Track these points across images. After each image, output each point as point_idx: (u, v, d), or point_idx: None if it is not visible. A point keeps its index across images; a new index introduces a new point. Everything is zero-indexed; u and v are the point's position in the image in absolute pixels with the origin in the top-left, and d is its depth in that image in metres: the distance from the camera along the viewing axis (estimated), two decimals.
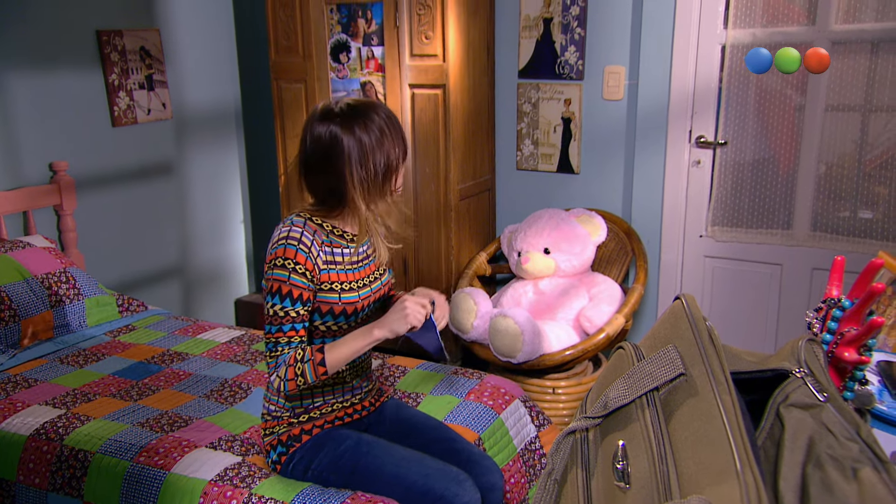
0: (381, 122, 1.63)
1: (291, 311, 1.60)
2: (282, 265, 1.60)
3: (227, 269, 3.82)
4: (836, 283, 1.03)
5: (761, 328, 3.07)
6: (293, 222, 1.66)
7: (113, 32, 3.09)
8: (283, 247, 1.62)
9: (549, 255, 3.01)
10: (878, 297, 0.94)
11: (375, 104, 1.67)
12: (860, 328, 0.95)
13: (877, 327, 0.91)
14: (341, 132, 1.60)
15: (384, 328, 1.65)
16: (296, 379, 1.60)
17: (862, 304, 0.95)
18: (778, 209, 2.93)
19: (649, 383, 0.94)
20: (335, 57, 3.25)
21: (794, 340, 0.94)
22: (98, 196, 3.13)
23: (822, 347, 0.91)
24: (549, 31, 3.19)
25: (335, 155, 1.61)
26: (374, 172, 1.62)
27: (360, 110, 1.63)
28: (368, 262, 1.79)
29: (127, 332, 2.70)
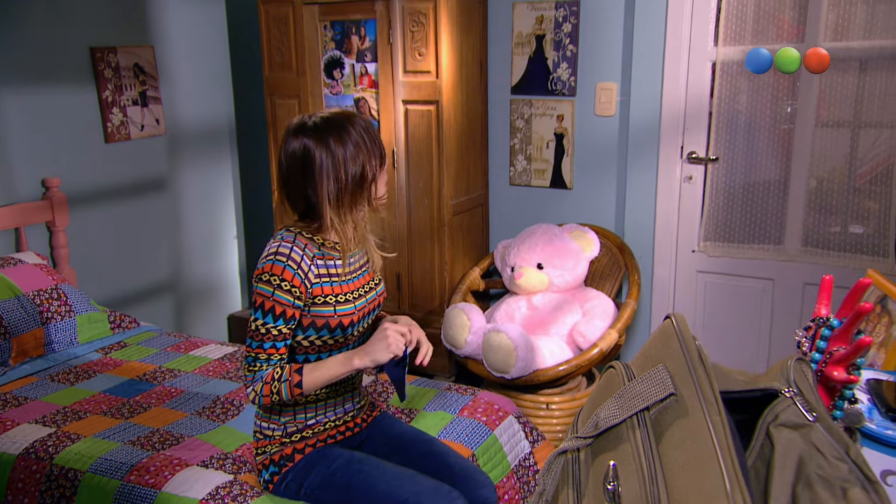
0: (356, 133, 1.64)
1: (273, 328, 1.60)
2: (267, 280, 1.60)
3: (219, 285, 3.81)
4: (825, 301, 1.04)
5: (754, 343, 3.08)
6: (283, 237, 1.66)
7: (107, 49, 3.10)
8: (272, 262, 1.62)
9: (542, 270, 3.01)
10: (866, 316, 0.94)
11: (351, 115, 1.67)
12: (848, 348, 0.96)
13: (864, 347, 0.92)
14: (314, 146, 1.61)
15: (365, 358, 1.65)
16: (271, 396, 1.62)
17: (850, 323, 0.96)
18: (769, 225, 2.95)
19: (640, 403, 0.94)
20: (329, 73, 3.27)
21: (784, 360, 0.94)
22: (91, 212, 3.13)
23: (810, 367, 0.92)
24: (541, 47, 3.22)
25: (309, 168, 1.62)
26: (347, 183, 1.63)
27: (334, 123, 1.64)
28: (363, 272, 1.79)
29: (118, 349, 2.69)
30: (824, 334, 0.99)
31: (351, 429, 1.81)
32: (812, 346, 1.01)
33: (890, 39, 2.59)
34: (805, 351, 1.03)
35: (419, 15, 3.00)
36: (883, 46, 2.61)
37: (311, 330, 1.66)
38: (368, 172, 1.65)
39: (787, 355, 1.12)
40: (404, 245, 3.27)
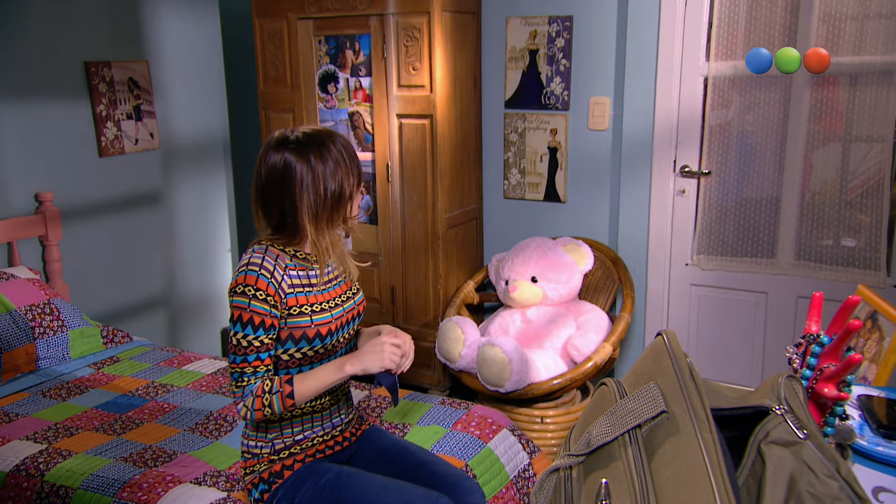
0: (337, 151, 1.66)
1: (255, 340, 1.60)
2: (241, 292, 1.61)
3: (213, 299, 3.80)
4: (815, 318, 1.04)
5: (748, 355, 3.08)
6: (254, 250, 1.67)
7: (101, 64, 3.10)
8: (244, 273, 1.62)
9: (536, 283, 3.02)
10: (855, 333, 0.95)
11: (332, 133, 1.70)
12: (839, 365, 0.96)
13: (854, 364, 0.92)
14: (295, 160, 1.63)
15: (356, 365, 1.65)
16: (263, 409, 1.61)
17: (840, 340, 0.96)
18: (762, 238, 2.96)
19: (632, 421, 0.94)
20: (323, 87, 3.28)
21: (775, 377, 0.95)
22: (84, 226, 3.12)
23: (801, 384, 0.92)
24: (534, 62, 3.24)
25: (288, 181, 1.63)
26: (325, 200, 1.64)
27: (315, 139, 1.66)
28: (340, 282, 1.79)
29: (111, 364, 2.68)
30: (815, 351, 0.99)
31: (339, 443, 1.81)
32: (803, 363, 1.01)
33: (879, 55, 2.62)
34: (796, 367, 1.03)
35: (413, 30, 3.02)
36: (872, 62, 2.63)
37: (289, 343, 1.66)
38: (346, 190, 1.67)
39: (780, 370, 1.12)
40: (398, 258, 3.27)
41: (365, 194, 1.73)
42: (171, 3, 3.41)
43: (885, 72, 2.61)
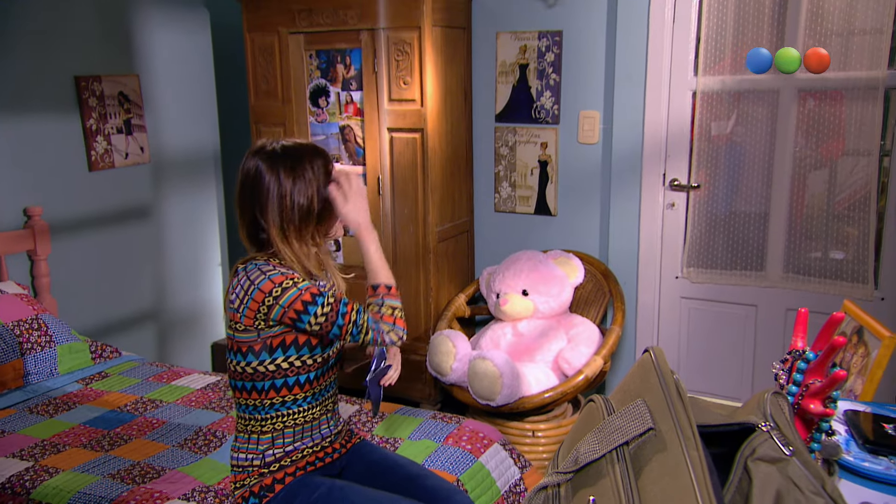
0: (311, 168, 1.66)
1: (330, 295, 1.61)
2: (283, 289, 1.60)
3: (203, 313, 3.78)
4: (801, 334, 1.05)
5: (738, 368, 3.09)
6: (259, 266, 1.65)
7: (91, 78, 3.10)
8: (269, 279, 1.61)
9: (527, 296, 3.02)
10: (840, 350, 0.96)
11: (312, 150, 1.70)
12: (824, 381, 0.97)
13: (839, 380, 0.93)
14: (265, 169, 1.64)
15: (359, 219, 1.68)
16: (392, 314, 1.64)
17: (825, 356, 0.97)
18: (751, 251, 2.98)
19: (619, 438, 0.94)
20: (314, 101, 3.29)
21: (760, 393, 0.95)
22: (73, 241, 3.11)
23: (787, 400, 0.93)
24: (525, 76, 3.26)
25: (257, 190, 1.65)
26: (291, 214, 1.64)
27: (290, 153, 1.66)
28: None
29: (99, 380, 2.66)
30: (800, 367, 1.00)
31: (329, 454, 1.80)
32: (789, 379, 1.02)
33: (864, 71, 2.65)
34: (782, 383, 1.04)
35: (404, 44, 3.04)
36: (858, 77, 2.66)
37: (291, 349, 1.66)
38: (315, 206, 1.66)
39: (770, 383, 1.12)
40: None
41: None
42: (161, 17, 3.41)
43: (870, 87, 2.64)
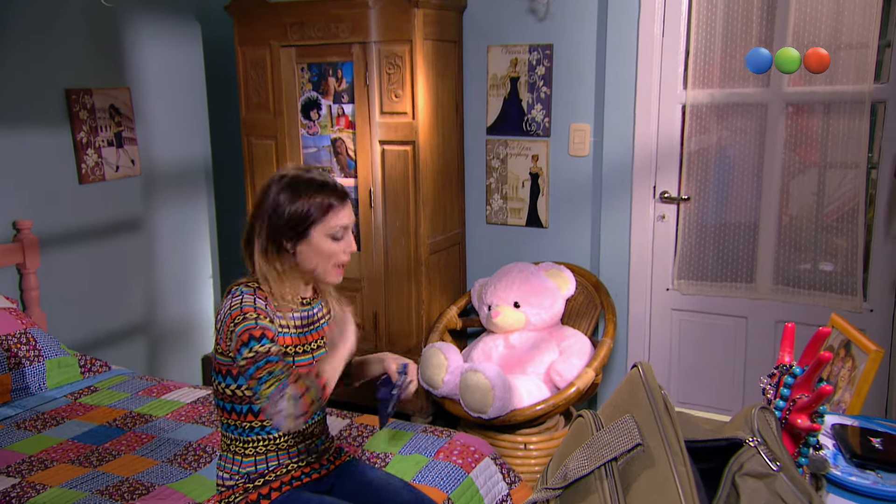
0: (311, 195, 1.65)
1: (272, 346, 1.58)
2: (245, 317, 1.60)
3: (194, 326, 3.77)
4: (788, 349, 1.05)
5: (728, 380, 3.10)
6: (242, 293, 1.65)
7: (82, 91, 3.10)
8: (239, 308, 1.62)
9: (518, 308, 3.02)
10: (826, 365, 0.96)
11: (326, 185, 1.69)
12: (811, 396, 0.97)
13: (825, 396, 0.93)
14: (275, 182, 1.68)
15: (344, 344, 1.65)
16: (307, 393, 1.54)
17: (811, 372, 0.97)
18: (741, 263, 2.99)
19: (608, 454, 0.95)
20: (306, 114, 3.29)
21: (748, 408, 0.96)
22: (63, 254, 3.09)
23: (774, 415, 0.93)
24: (516, 89, 3.28)
25: (260, 199, 1.69)
26: (279, 223, 1.65)
27: (303, 178, 1.68)
28: (323, 323, 1.79)
29: (89, 394, 2.64)
30: (787, 382, 1.00)
31: (317, 469, 1.79)
32: (776, 394, 1.02)
33: (851, 85, 2.67)
34: (770, 398, 1.04)
35: (395, 58, 3.05)
36: (845, 91, 2.69)
37: None
38: (305, 218, 1.65)
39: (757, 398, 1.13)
40: (381, 284, 3.27)
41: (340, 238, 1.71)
42: (153, 31, 3.42)
43: (856, 101, 2.67)
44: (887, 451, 1.05)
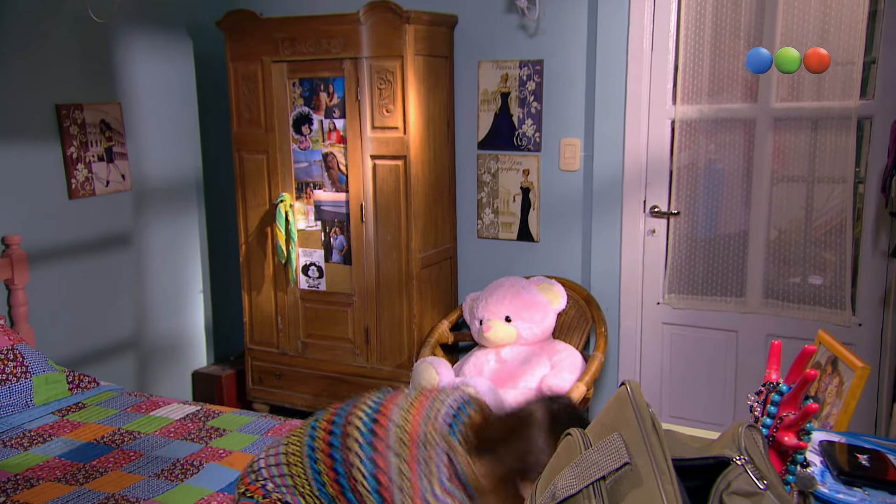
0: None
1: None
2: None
3: (185, 341, 3.75)
4: (775, 366, 1.06)
5: (720, 393, 3.10)
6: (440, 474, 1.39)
7: (73, 106, 3.10)
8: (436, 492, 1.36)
9: (510, 322, 3.02)
10: (811, 383, 0.96)
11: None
12: (797, 413, 0.97)
13: (811, 413, 0.93)
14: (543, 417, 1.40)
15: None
16: None
17: (797, 389, 0.98)
18: (730, 277, 3.00)
19: (596, 473, 0.94)
20: (297, 129, 3.30)
21: (735, 426, 0.96)
22: (53, 269, 3.08)
23: (761, 433, 0.93)
24: (506, 104, 3.30)
25: (523, 425, 1.42)
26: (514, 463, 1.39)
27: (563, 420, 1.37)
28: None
29: (76, 411, 2.61)
30: (774, 400, 1.00)
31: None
32: (763, 411, 1.02)
33: (837, 101, 2.70)
34: (757, 416, 1.04)
35: (386, 73, 3.06)
36: (832, 107, 2.72)
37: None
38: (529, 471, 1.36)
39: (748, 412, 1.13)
40: (373, 298, 3.26)
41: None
42: (144, 46, 3.42)
43: (843, 117, 2.70)
44: (874, 468, 1.05)
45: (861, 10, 2.58)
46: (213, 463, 2.23)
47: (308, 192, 3.33)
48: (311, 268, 3.39)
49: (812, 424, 0.98)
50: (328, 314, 3.38)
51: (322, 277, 3.37)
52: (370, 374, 3.33)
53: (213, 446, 2.35)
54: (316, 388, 3.46)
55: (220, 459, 2.26)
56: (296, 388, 3.51)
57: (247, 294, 3.52)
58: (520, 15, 3.16)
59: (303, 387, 3.50)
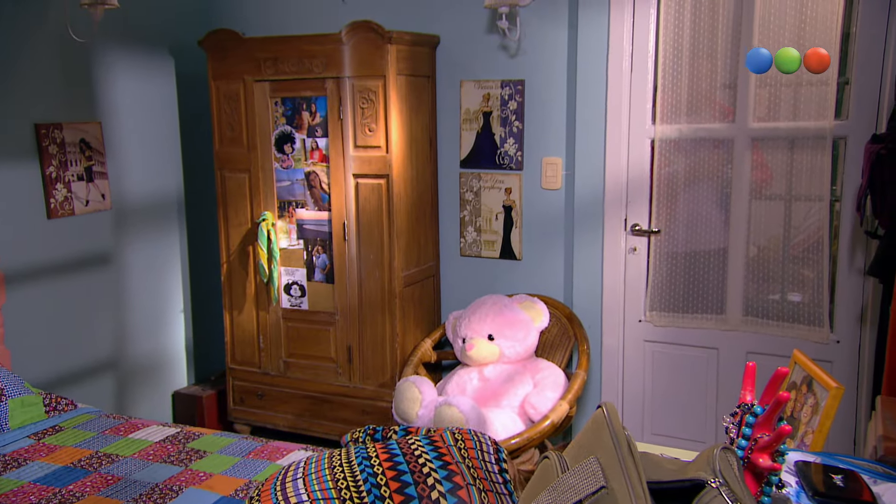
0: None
1: None
2: None
3: (165, 361, 3.71)
4: (749, 388, 1.07)
5: (701, 410, 3.11)
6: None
7: (52, 126, 3.08)
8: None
9: (493, 341, 3.02)
10: (784, 405, 0.97)
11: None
12: (771, 435, 0.98)
13: (785, 435, 0.94)
14: None
15: None
16: None
17: (771, 411, 0.99)
18: (711, 295, 3.03)
19: (572, 497, 0.94)
20: (279, 148, 3.30)
21: (710, 449, 0.96)
22: (31, 290, 3.04)
23: (736, 455, 0.94)
24: (488, 123, 3.32)
25: None
26: None
27: None
28: None
29: (53, 434, 2.57)
30: (749, 421, 1.01)
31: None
32: (739, 433, 1.03)
33: (812, 121, 2.75)
34: (732, 437, 1.05)
35: (369, 92, 3.08)
36: (807, 127, 2.76)
37: None
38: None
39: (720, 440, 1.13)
40: (355, 317, 3.25)
41: None
42: (125, 65, 3.42)
43: (818, 136, 2.75)
44: (848, 487, 1.06)
45: (834, 33, 2.64)
46: (193, 487, 2.20)
47: (290, 210, 3.33)
48: (293, 287, 3.37)
49: (786, 446, 0.99)
50: (310, 333, 3.36)
51: (304, 296, 3.36)
52: (353, 393, 3.31)
53: (194, 469, 2.32)
54: (298, 408, 3.44)
55: (200, 483, 2.23)
56: (278, 408, 3.48)
57: (228, 313, 3.50)
58: (501, 35, 3.19)
59: (285, 407, 3.47)
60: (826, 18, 2.65)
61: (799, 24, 2.69)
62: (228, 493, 2.15)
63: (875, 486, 1.10)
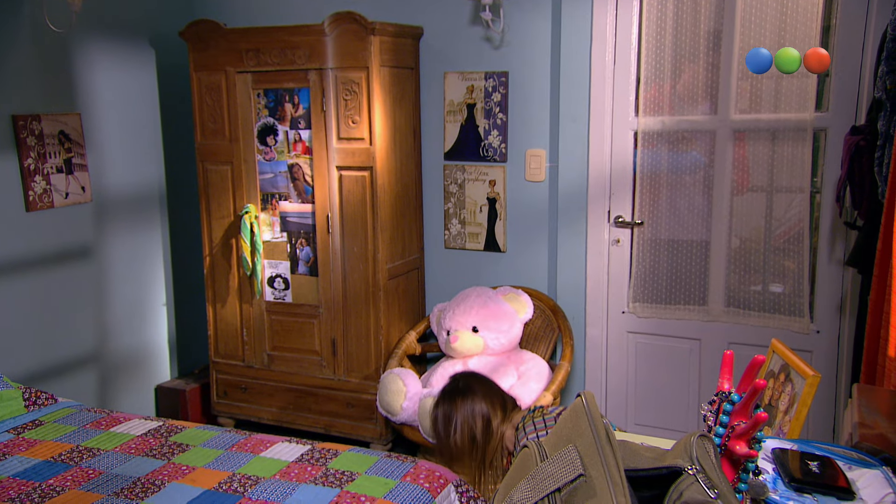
0: None
1: None
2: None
3: (147, 355, 3.68)
4: (727, 376, 1.07)
5: (684, 401, 3.14)
6: None
7: (30, 117, 3.04)
8: None
9: (477, 333, 3.03)
10: (761, 393, 0.98)
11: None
12: (748, 422, 0.99)
13: (761, 422, 0.95)
14: None
15: None
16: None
17: (747, 399, 1.00)
18: (693, 286, 3.05)
19: (551, 485, 0.95)
20: (262, 140, 3.28)
21: (688, 436, 0.97)
22: (9, 283, 3.00)
23: (713, 442, 0.95)
24: (472, 115, 3.32)
25: None
26: None
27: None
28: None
29: (33, 428, 2.55)
30: (726, 409, 1.02)
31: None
32: (716, 421, 1.04)
33: (794, 113, 2.77)
34: (710, 425, 1.06)
35: (352, 84, 3.06)
36: (788, 119, 2.78)
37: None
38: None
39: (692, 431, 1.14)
40: (339, 310, 3.24)
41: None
42: (105, 56, 3.37)
43: (799, 128, 2.77)
44: (824, 474, 1.07)
45: (815, 26, 2.65)
46: (175, 482, 2.18)
47: (273, 203, 3.31)
48: (276, 279, 3.36)
49: (763, 433, 1.00)
50: (294, 326, 3.35)
51: (288, 289, 3.34)
52: (337, 386, 3.30)
53: (176, 462, 2.31)
54: (282, 402, 3.43)
55: (183, 476, 2.22)
56: (262, 401, 3.47)
57: (211, 306, 3.48)
58: (485, 27, 3.18)
59: (269, 400, 3.46)
60: (807, 10, 2.66)
61: (780, 15, 2.71)
62: (211, 486, 2.14)
63: (850, 471, 1.11)
